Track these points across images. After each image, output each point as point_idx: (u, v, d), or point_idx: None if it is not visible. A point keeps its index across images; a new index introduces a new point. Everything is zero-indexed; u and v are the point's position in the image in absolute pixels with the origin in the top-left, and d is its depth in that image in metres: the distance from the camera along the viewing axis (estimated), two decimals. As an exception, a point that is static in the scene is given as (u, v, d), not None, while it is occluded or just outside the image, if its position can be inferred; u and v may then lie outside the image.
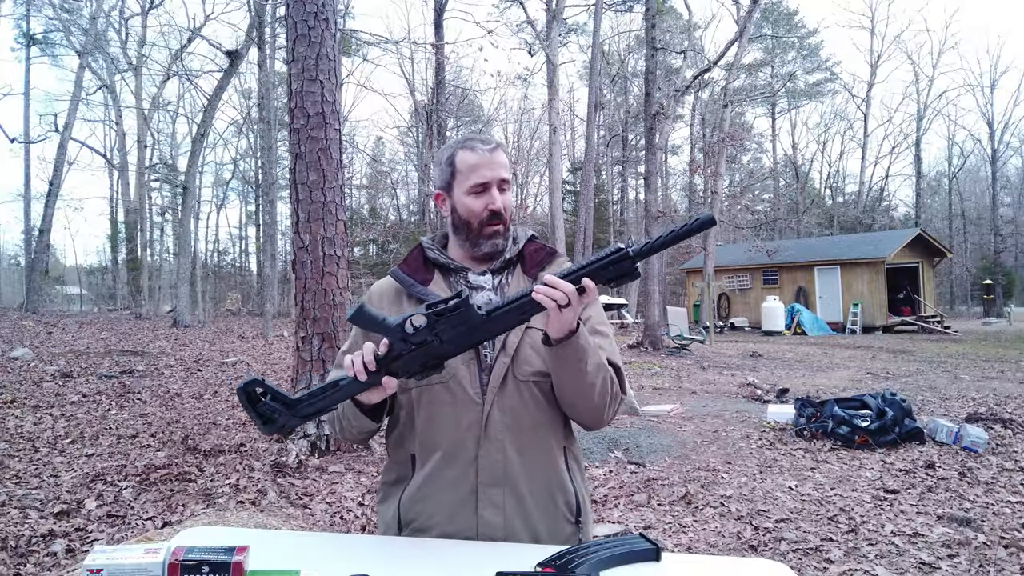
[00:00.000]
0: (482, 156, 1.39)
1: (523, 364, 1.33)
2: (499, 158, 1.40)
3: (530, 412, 1.33)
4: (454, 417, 1.31)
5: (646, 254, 1.11)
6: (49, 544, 3.24)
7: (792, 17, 35.80)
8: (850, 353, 14.61)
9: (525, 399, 1.33)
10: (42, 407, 6.49)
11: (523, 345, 1.34)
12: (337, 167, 5.21)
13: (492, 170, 1.38)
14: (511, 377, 1.32)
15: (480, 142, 1.41)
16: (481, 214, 1.38)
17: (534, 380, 1.34)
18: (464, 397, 1.31)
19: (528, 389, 1.33)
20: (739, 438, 5.91)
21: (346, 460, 4.72)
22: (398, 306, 1.41)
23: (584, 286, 1.12)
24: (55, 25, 23.25)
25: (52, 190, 21.16)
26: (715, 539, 3.55)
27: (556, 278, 1.12)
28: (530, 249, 1.47)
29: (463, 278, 1.43)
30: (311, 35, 5.08)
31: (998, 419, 6.20)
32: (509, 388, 1.32)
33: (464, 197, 1.39)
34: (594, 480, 4.60)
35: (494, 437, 1.30)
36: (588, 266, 1.13)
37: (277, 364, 10.55)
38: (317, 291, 5.05)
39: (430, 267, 1.44)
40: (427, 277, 1.41)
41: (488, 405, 1.31)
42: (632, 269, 1.12)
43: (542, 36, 16.79)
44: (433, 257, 1.44)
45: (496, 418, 1.31)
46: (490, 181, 1.38)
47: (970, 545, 3.37)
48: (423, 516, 1.32)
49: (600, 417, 1.35)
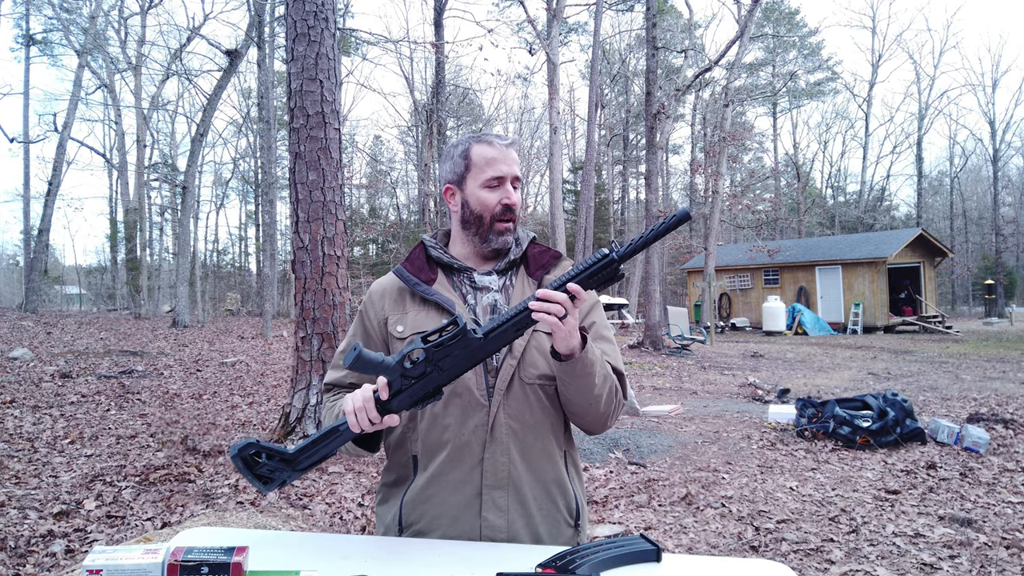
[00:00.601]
0: (499, 150, 1.38)
1: (529, 367, 1.33)
2: (514, 155, 1.40)
3: (535, 415, 1.33)
4: (460, 419, 1.30)
5: (629, 256, 1.14)
6: (48, 544, 3.23)
7: (793, 16, 35.75)
8: (851, 353, 14.60)
9: (530, 402, 1.33)
10: (41, 407, 6.48)
11: (529, 348, 1.33)
12: (337, 167, 5.20)
13: (508, 165, 1.38)
14: (517, 380, 1.32)
15: (496, 137, 1.41)
16: (495, 208, 1.37)
17: (539, 383, 1.34)
18: (471, 399, 1.31)
19: (533, 392, 1.33)
20: (740, 438, 5.90)
21: (346, 461, 4.72)
22: (401, 305, 1.40)
23: (574, 292, 1.13)
24: (54, 25, 23.25)
25: (51, 190, 21.17)
26: (716, 540, 3.54)
27: (549, 291, 1.12)
28: (534, 251, 1.46)
29: (467, 278, 1.42)
30: (310, 34, 5.07)
31: (999, 419, 6.19)
32: (515, 391, 1.32)
33: (478, 190, 1.38)
34: (595, 481, 4.59)
35: (499, 439, 1.30)
36: (579, 275, 1.15)
37: (276, 364, 10.54)
38: (317, 291, 5.04)
39: (433, 266, 1.43)
40: (431, 276, 1.40)
41: (495, 407, 1.30)
42: (616, 272, 1.15)
43: (542, 35, 16.78)
44: (436, 256, 1.43)
45: (502, 420, 1.30)
46: (506, 175, 1.38)
47: (971, 546, 3.36)
48: (426, 518, 1.32)
49: (604, 423, 1.36)
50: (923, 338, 19.08)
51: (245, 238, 40.35)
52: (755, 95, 32.98)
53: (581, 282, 1.15)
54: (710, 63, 16.50)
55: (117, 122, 25.44)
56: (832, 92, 39.39)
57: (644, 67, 18.99)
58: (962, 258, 38.35)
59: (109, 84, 23.83)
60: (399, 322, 1.37)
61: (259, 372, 9.65)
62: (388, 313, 1.40)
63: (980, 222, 43.48)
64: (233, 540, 1.11)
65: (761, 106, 38.84)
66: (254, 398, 7.51)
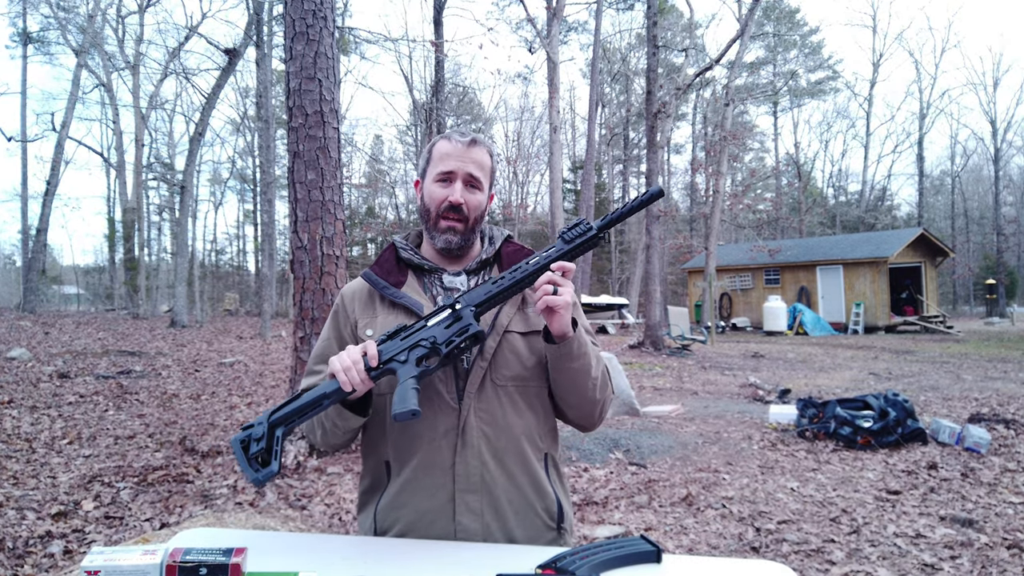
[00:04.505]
0: (455, 147, 1.36)
1: (502, 368, 1.31)
2: (473, 153, 1.36)
3: (508, 417, 1.31)
4: (430, 423, 1.28)
5: (607, 227, 1.25)
6: (47, 545, 3.22)
7: (794, 15, 35.78)
8: (852, 353, 14.59)
9: (503, 404, 1.30)
10: (39, 408, 6.47)
11: (501, 351, 1.31)
12: (335, 166, 5.19)
13: (461, 162, 1.35)
14: (489, 382, 1.30)
15: (458, 134, 1.38)
16: (440, 204, 1.35)
17: (513, 385, 1.31)
18: (440, 402, 1.28)
19: (506, 394, 1.31)
20: (741, 439, 5.89)
21: (344, 461, 4.70)
22: (371, 309, 1.37)
23: (564, 269, 1.21)
24: (51, 23, 23.23)
25: (49, 189, 21.16)
26: (716, 540, 3.53)
27: (565, 263, 1.20)
28: (508, 250, 1.43)
29: (438, 279, 1.39)
30: (309, 33, 5.05)
31: (1001, 420, 6.18)
32: (487, 393, 1.30)
33: (431, 184, 1.37)
34: (595, 481, 4.57)
35: (471, 443, 1.28)
36: (567, 252, 1.23)
37: (275, 364, 10.53)
38: (315, 291, 5.02)
39: (403, 267, 1.40)
40: (400, 279, 1.38)
41: (465, 411, 1.28)
42: (598, 241, 1.25)
43: (542, 34, 16.76)
44: (407, 257, 1.40)
45: (473, 424, 1.28)
46: (455, 171, 1.35)
47: (972, 546, 3.35)
48: (400, 523, 1.30)
49: (598, 414, 1.36)
50: (924, 338, 19.08)
51: (243, 237, 40.37)
52: (756, 94, 33.00)
53: (568, 257, 1.22)
54: (711, 62, 16.47)
55: (115, 121, 25.46)
56: (833, 91, 39.47)
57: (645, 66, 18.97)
58: (963, 258, 38.33)
59: (107, 83, 23.83)
60: (368, 326, 1.35)
61: (257, 372, 9.63)
62: (358, 317, 1.38)
63: (981, 222, 43.49)
64: (232, 541, 1.10)
65: (762, 105, 38.88)
66: (252, 398, 7.49)
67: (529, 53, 17.41)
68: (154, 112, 25.76)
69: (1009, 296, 35.77)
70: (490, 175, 1.41)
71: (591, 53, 21.76)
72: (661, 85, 16.54)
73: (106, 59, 23.53)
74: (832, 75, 38.41)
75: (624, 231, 36.45)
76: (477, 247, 1.44)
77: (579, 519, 3.81)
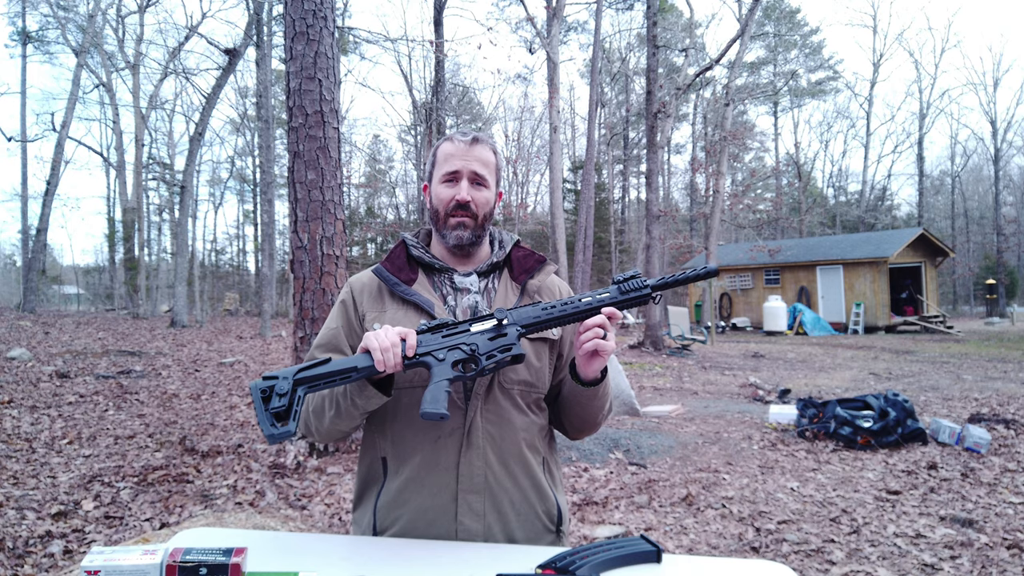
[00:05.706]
0: (458, 147, 1.38)
1: (510, 372, 1.32)
2: (476, 152, 1.38)
3: (513, 420, 1.32)
4: (435, 421, 1.28)
5: (660, 289, 1.28)
6: (47, 545, 3.22)
7: (794, 15, 35.78)
8: (852, 353, 14.59)
9: (509, 407, 1.32)
10: (39, 407, 6.47)
11: None
12: (335, 166, 5.19)
13: (465, 161, 1.36)
14: (496, 385, 1.31)
15: (460, 134, 1.40)
16: (448, 203, 1.36)
17: (519, 389, 1.33)
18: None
19: (512, 398, 1.32)
20: (741, 439, 5.89)
21: (344, 461, 4.70)
22: (380, 303, 1.38)
23: (611, 315, 1.23)
24: (51, 23, 23.22)
25: (49, 189, 21.14)
26: (716, 540, 3.53)
27: (615, 310, 1.22)
28: (518, 255, 1.44)
29: (448, 279, 1.40)
30: (309, 33, 5.05)
31: (1001, 420, 6.19)
32: (494, 395, 1.31)
33: (437, 186, 1.39)
34: (595, 481, 4.57)
35: (476, 443, 1.29)
36: (620, 301, 1.24)
37: (275, 365, 10.53)
38: (315, 291, 5.02)
39: (414, 265, 1.41)
40: (411, 276, 1.38)
41: (472, 411, 1.29)
42: (648, 300, 1.28)
43: (542, 34, 16.76)
44: (418, 255, 1.41)
45: (479, 425, 1.29)
46: (460, 171, 1.36)
47: (972, 546, 3.35)
48: (401, 522, 1.30)
49: (592, 432, 1.43)
50: (924, 338, 19.07)
51: (242, 237, 40.36)
52: (756, 94, 32.97)
53: (619, 307, 1.24)
54: (711, 62, 16.45)
55: (115, 121, 25.45)
56: (833, 91, 39.45)
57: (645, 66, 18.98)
58: (963, 258, 38.33)
59: (107, 83, 23.82)
60: (376, 320, 1.35)
61: (257, 372, 9.63)
62: (366, 310, 1.38)
63: (981, 222, 43.46)
64: (232, 541, 1.10)
65: (762, 105, 38.88)
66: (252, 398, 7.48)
67: (529, 53, 17.43)
68: (154, 112, 25.75)
69: (1009, 296, 35.75)
70: (495, 172, 1.42)
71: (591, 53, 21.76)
72: (661, 85, 16.54)
73: (106, 59, 23.54)
74: (832, 75, 38.41)
75: (624, 231, 36.45)
76: (487, 249, 1.45)
77: (579, 519, 3.81)
